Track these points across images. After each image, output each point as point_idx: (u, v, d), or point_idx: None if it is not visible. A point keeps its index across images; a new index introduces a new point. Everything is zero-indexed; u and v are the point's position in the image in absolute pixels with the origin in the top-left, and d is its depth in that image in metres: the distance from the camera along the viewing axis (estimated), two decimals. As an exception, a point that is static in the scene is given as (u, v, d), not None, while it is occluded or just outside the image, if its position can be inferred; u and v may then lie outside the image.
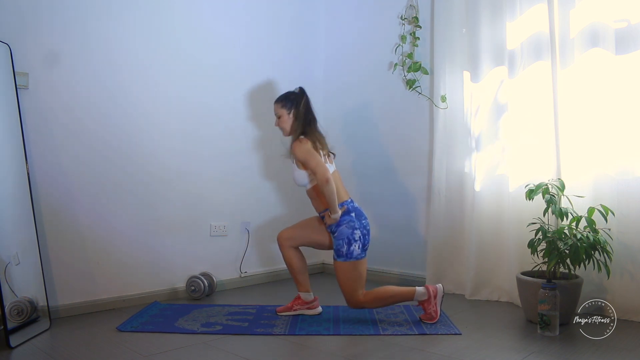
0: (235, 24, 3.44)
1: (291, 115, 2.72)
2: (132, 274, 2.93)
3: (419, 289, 2.59)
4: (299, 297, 2.71)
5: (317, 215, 2.74)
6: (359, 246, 2.57)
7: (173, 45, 3.12)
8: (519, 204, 2.85)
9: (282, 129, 2.78)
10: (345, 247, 2.56)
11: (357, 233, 2.58)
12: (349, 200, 2.66)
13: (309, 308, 2.70)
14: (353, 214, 2.62)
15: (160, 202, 3.06)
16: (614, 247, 2.55)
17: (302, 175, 2.67)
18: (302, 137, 2.66)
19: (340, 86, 3.94)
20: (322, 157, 2.63)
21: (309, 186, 2.69)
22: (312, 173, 2.60)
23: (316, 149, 2.63)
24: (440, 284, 2.64)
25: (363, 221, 2.63)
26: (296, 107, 2.71)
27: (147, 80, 3.00)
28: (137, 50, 2.96)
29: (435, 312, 2.56)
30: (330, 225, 2.63)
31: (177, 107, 3.14)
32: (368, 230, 2.64)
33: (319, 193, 2.64)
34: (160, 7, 3.06)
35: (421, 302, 2.58)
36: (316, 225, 2.72)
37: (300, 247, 2.72)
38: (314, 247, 2.78)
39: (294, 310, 2.70)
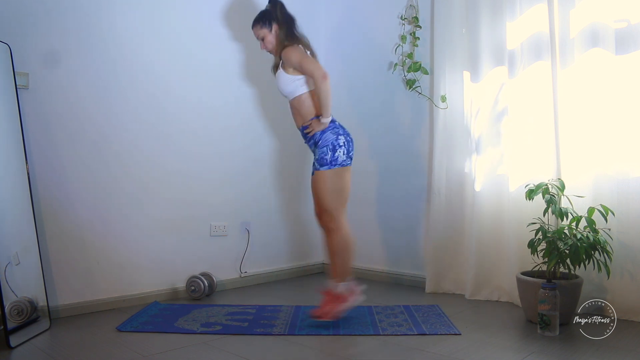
0: (235, 23, 3.44)
1: (273, 31, 2.68)
2: (132, 274, 2.93)
3: (347, 285, 2.54)
4: (331, 293, 2.51)
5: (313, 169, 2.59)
6: (344, 152, 2.53)
7: (174, 45, 3.12)
8: (519, 204, 2.85)
9: (269, 50, 2.73)
10: (330, 153, 2.51)
11: (342, 139, 2.54)
12: None
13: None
14: (337, 122, 2.61)
15: (160, 202, 3.06)
16: (614, 247, 2.55)
17: (289, 81, 2.60)
18: (294, 44, 2.62)
19: (340, 86, 3.93)
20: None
21: (296, 93, 2.61)
22: (310, 75, 2.53)
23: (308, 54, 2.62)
24: (359, 297, 2.59)
25: (345, 129, 2.61)
26: (276, 20, 2.67)
27: (148, 80, 3.00)
28: (138, 50, 2.96)
29: (329, 312, 2.47)
30: (313, 135, 2.58)
31: (177, 107, 3.14)
32: (351, 138, 2.61)
33: (302, 103, 2.60)
34: (161, 6, 3.06)
35: (326, 292, 2.53)
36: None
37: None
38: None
39: (336, 311, 2.47)
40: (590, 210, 2.48)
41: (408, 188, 3.54)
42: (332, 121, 2.60)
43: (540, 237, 2.55)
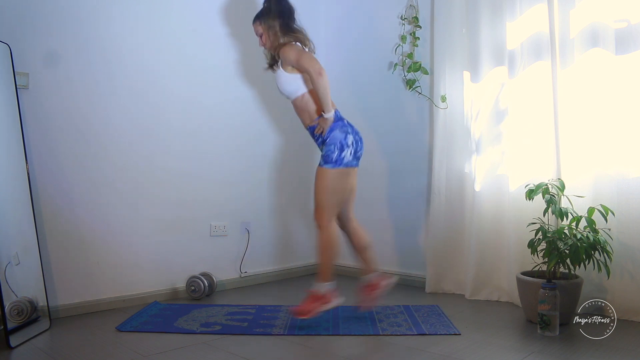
0: (235, 23, 3.44)
1: (269, 27, 2.59)
2: (132, 274, 2.93)
3: (330, 286, 2.47)
4: (314, 293, 2.45)
5: (319, 165, 2.53)
6: (350, 152, 2.46)
7: (174, 45, 3.12)
8: (519, 204, 2.84)
9: (266, 47, 2.65)
10: (337, 152, 2.43)
11: (350, 138, 2.48)
12: (337, 110, 2.56)
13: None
14: (345, 120, 2.54)
15: (160, 202, 3.06)
16: (614, 247, 2.55)
17: (290, 80, 2.53)
18: (291, 41, 2.55)
19: (340, 86, 3.93)
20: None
21: (298, 93, 2.54)
22: (306, 71, 2.45)
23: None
24: (339, 300, 2.50)
25: (355, 128, 2.54)
26: (271, 16, 2.58)
27: (148, 80, 3.00)
28: (138, 50, 2.96)
29: (309, 311, 2.42)
30: (320, 134, 2.52)
31: (177, 107, 3.14)
32: (361, 138, 2.54)
33: (306, 103, 2.53)
34: (161, 6, 3.06)
35: (311, 291, 2.47)
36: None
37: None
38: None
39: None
40: (590, 210, 2.48)
41: (408, 188, 3.54)
42: (340, 119, 2.54)
43: (540, 237, 2.55)
